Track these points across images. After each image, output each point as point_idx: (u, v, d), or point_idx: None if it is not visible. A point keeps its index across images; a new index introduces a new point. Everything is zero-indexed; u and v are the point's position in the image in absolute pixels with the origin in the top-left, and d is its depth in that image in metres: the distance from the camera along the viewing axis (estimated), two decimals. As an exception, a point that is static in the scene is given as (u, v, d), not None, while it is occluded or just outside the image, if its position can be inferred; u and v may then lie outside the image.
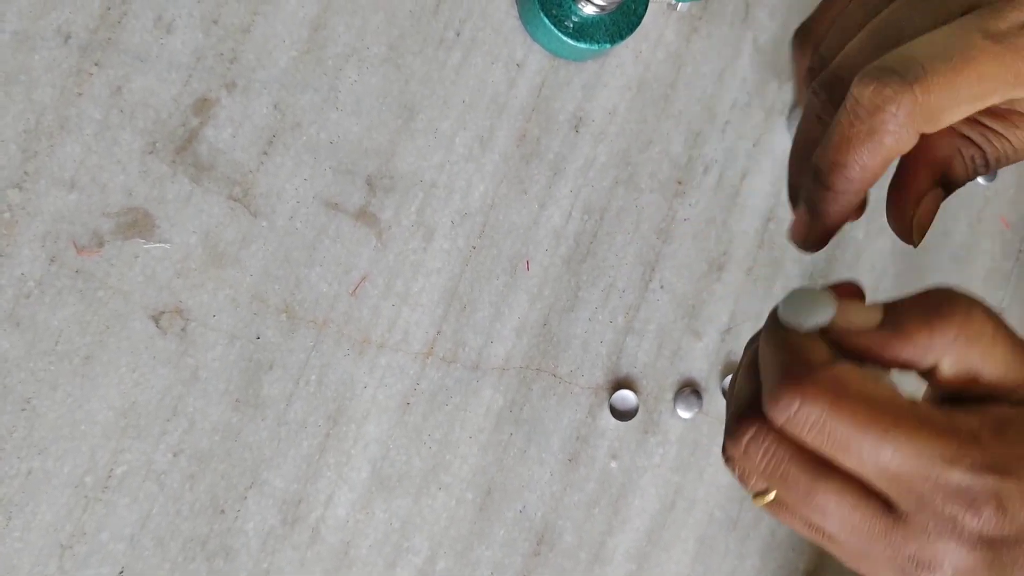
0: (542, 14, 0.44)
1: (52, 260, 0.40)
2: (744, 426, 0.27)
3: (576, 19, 0.44)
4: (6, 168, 0.39)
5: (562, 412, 0.47)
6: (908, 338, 0.26)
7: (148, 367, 0.41)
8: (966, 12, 0.28)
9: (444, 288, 0.45)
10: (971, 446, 0.25)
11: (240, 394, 0.42)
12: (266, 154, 0.43)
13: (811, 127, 0.31)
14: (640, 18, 0.45)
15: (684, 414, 0.49)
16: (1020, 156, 0.30)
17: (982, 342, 0.26)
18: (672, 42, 0.50)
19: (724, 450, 0.28)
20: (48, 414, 0.40)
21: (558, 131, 0.47)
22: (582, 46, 0.45)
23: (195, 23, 0.42)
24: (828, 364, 0.26)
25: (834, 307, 0.27)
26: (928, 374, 0.27)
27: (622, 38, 0.45)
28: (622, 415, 0.48)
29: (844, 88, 0.29)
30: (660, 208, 0.49)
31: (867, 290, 0.56)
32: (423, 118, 0.45)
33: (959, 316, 0.26)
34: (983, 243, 0.57)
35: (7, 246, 0.39)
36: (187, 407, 0.41)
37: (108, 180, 0.41)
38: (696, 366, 0.50)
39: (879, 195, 0.54)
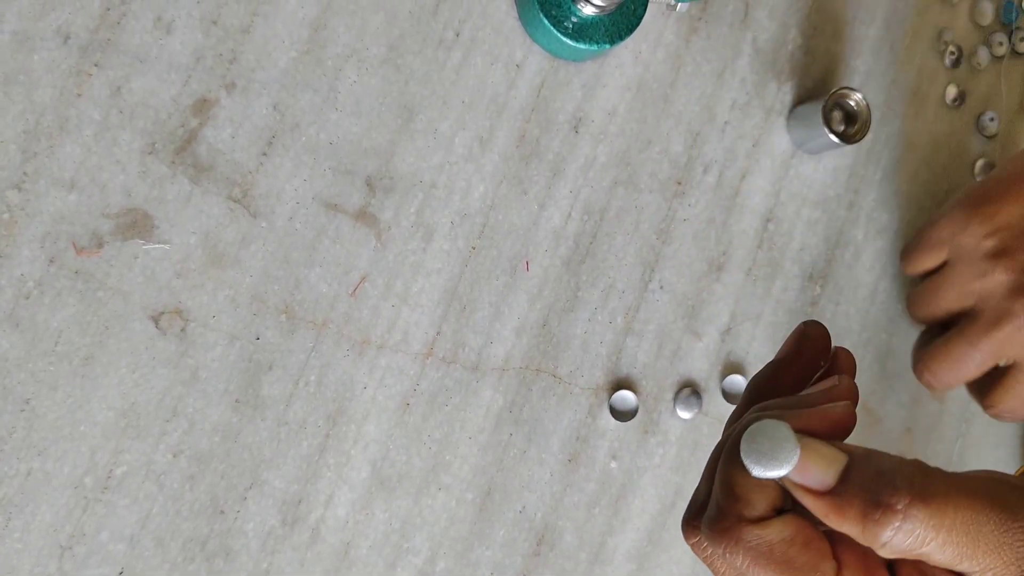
0: (542, 15, 0.44)
1: (52, 261, 0.40)
2: (690, 531, 0.29)
3: (576, 20, 0.44)
4: (6, 169, 0.39)
5: (562, 412, 0.47)
6: (844, 518, 0.26)
7: (148, 368, 0.41)
8: None
9: (444, 289, 0.45)
10: None
11: (240, 395, 0.42)
12: (265, 155, 0.43)
13: None
14: (639, 19, 0.46)
15: (684, 414, 0.49)
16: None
17: (925, 544, 0.25)
18: (671, 42, 0.50)
19: (685, 537, 0.31)
20: (48, 415, 0.40)
21: (558, 131, 0.47)
22: (582, 47, 0.45)
23: (195, 23, 0.42)
24: (759, 524, 0.26)
25: (792, 462, 0.26)
26: None
27: (621, 39, 0.45)
28: (622, 415, 0.48)
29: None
30: (660, 208, 0.49)
31: (867, 289, 0.56)
32: (423, 118, 0.45)
33: (895, 521, 0.25)
34: (982, 243, 0.57)
35: (7, 247, 0.39)
36: (187, 408, 0.41)
37: (108, 181, 0.41)
38: (696, 366, 0.50)
39: (876, 196, 0.54)
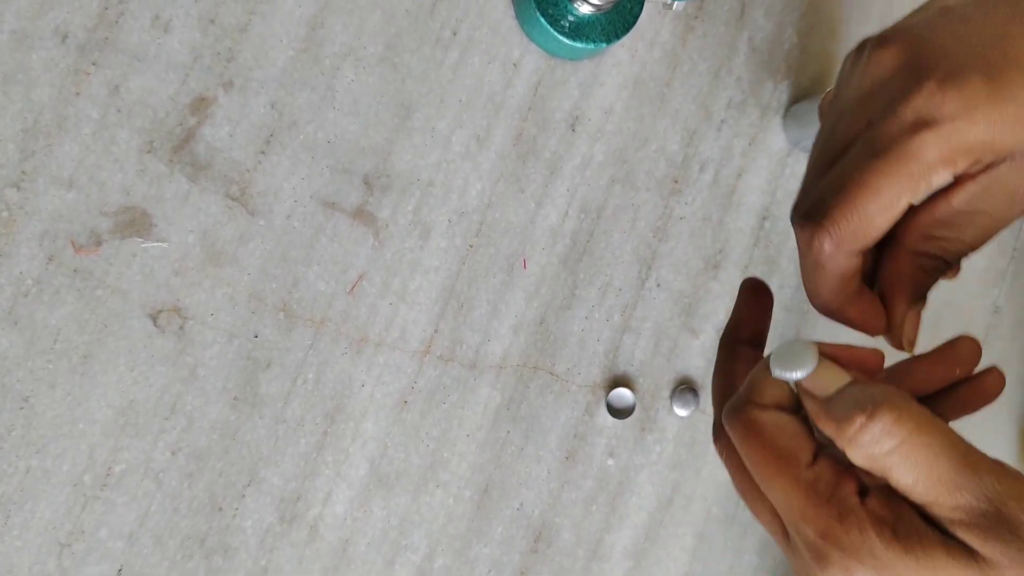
0: (538, 13, 0.44)
1: (50, 259, 0.40)
2: (717, 431, 0.33)
3: (572, 18, 0.44)
4: (4, 167, 0.39)
5: (559, 410, 0.47)
6: (827, 420, 0.29)
7: (146, 365, 0.41)
8: (862, 132, 0.32)
9: (441, 287, 0.46)
10: (832, 520, 0.28)
11: (238, 392, 0.42)
12: (263, 153, 0.43)
13: None
14: (636, 17, 0.46)
15: (681, 412, 0.49)
16: (978, 245, 0.33)
17: (883, 448, 0.28)
18: (668, 41, 0.50)
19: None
20: (47, 412, 0.40)
21: (555, 130, 0.48)
22: (578, 45, 0.45)
23: (192, 22, 0.42)
24: (760, 407, 0.30)
25: (806, 371, 0.30)
26: None
27: (618, 37, 0.45)
28: (619, 413, 0.48)
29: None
30: (656, 206, 0.49)
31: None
32: (420, 117, 0.45)
33: (860, 417, 0.28)
34: (978, 241, 0.57)
35: (5, 245, 0.39)
36: (185, 405, 0.42)
37: (106, 179, 0.41)
38: (693, 364, 0.50)
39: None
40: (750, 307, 0.36)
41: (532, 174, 0.47)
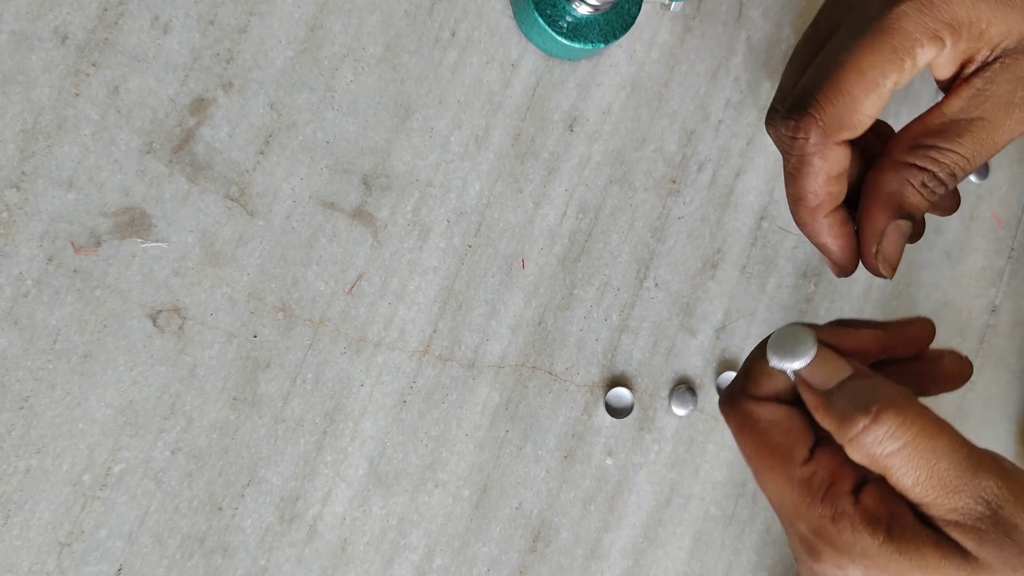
0: (536, 14, 0.44)
1: (50, 259, 0.40)
2: (720, 406, 0.33)
3: (570, 19, 0.45)
4: (4, 168, 0.39)
5: (558, 409, 0.48)
6: (827, 415, 0.29)
7: (146, 365, 0.41)
8: (845, 18, 0.31)
9: (440, 286, 0.46)
10: (825, 520, 0.28)
11: (237, 392, 0.42)
12: (262, 153, 0.43)
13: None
14: (634, 18, 0.46)
15: (679, 411, 0.49)
16: (975, 164, 0.32)
17: (886, 450, 0.28)
18: (666, 41, 0.50)
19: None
20: (46, 412, 0.40)
21: (553, 130, 0.48)
22: (576, 46, 0.45)
23: (192, 23, 0.42)
24: (755, 399, 0.30)
25: (805, 361, 0.30)
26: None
27: (616, 38, 0.45)
28: (617, 412, 0.48)
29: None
30: (654, 206, 0.50)
31: (861, 286, 0.56)
32: (419, 117, 0.46)
33: (864, 420, 0.28)
34: (976, 241, 0.57)
35: (5, 245, 0.39)
36: (185, 405, 0.42)
37: (106, 180, 0.41)
38: (691, 363, 0.50)
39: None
40: None
41: (530, 174, 0.47)
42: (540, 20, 0.44)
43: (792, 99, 0.31)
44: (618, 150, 0.49)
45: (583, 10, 0.44)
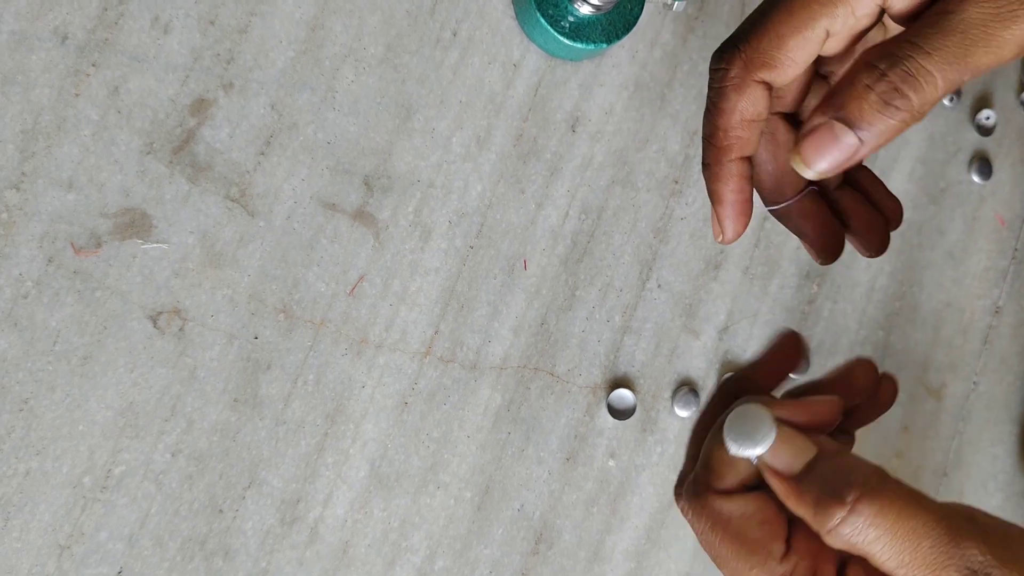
0: (538, 14, 0.44)
1: (50, 260, 0.40)
2: (676, 497, 0.32)
3: (572, 19, 0.44)
4: (4, 169, 0.39)
5: (560, 411, 0.47)
6: (800, 503, 0.28)
7: (146, 367, 0.41)
8: None
9: (442, 288, 0.46)
10: None
11: (238, 394, 0.42)
12: (263, 154, 0.43)
13: None
14: (636, 18, 0.46)
15: (682, 413, 0.49)
16: (946, 79, 0.28)
17: (866, 538, 0.27)
18: (668, 42, 0.50)
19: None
20: (46, 414, 0.40)
21: (555, 131, 0.48)
22: (578, 46, 0.45)
23: (192, 24, 0.42)
24: (723, 495, 0.29)
25: (766, 445, 0.28)
26: None
27: (618, 38, 0.45)
28: (620, 414, 0.48)
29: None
30: (657, 207, 0.49)
31: (863, 287, 0.56)
32: (420, 118, 0.45)
33: (841, 512, 0.27)
34: (979, 241, 0.57)
35: (5, 246, 0.39)
36: (185, 407, 0.42)
37: (106, 180, 0.41)
38: (694, 365, 0.50)
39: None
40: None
41: (532, 175, 0.47)
42: (542, 20, 0.44)
43: (728, 38, 0.32)
44: (620, 150, 0.49)
45: (585, 10, 0.44)
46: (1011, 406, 0.57)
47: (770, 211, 0.36)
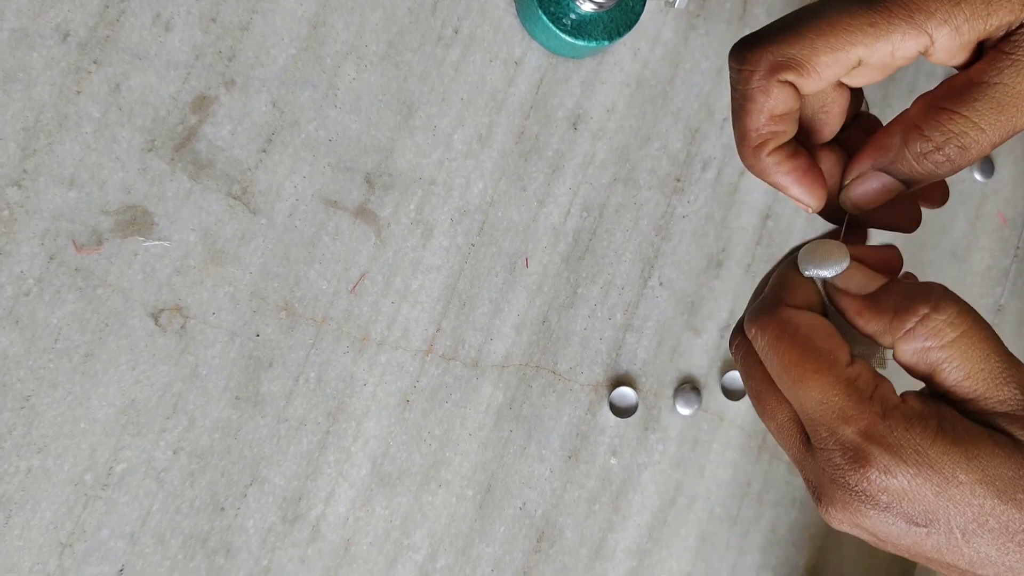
0: (540, 11, 0.44)
1: (51, 258, 0.40)
2: (734, 334, 0.31)
3: (574, 16, 0.44)
4: (5, 166, 0.39)
5: (562, 409, 0.47)
6: (876, 314, 0.29)
7: (148, 364, 0.41)
8: None
9: (443, 285, 0.45)
10: (875, 417, 0.27)
11: (240, 391, 0.42)
12: (265, 152, 0.43)
13: None
14: (638, 15, 0.46)
15: (684, 411, 0.49)
16: (989, 138, 0.30)
17: (943, 340, 0.28)
18: (670, 39, 0.50)
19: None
20: (48, 412, 0.40)
21: (557, 128, 0.48)
22: (580, 43, 0.45)
23: (194, 21, 0.42)
24: (793, 308, 0.29)
25: (840, 268, 0.30)
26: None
27: (620, 35, 0.45)
28: (622, 412, 0.48)
29: None
30: (659, 205, 0.49)
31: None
32: (422, 115, 0.45)
33: (924, 308, 0.28)
34: (981, 240, 0.57)
35: (6, 244, 0.39)
36: (187, 404, 0.41)
37: (107, 178, 0.41)
38: (695, 363, 0.50)
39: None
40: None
41: (534, 172, 0.47)
42: (544, 17, 0.44)
43: (748, 37, 0.31)
44: (622, 148, 0.49)
45: (587, 7, 0.44)
46: (1013, 404, 0.57)
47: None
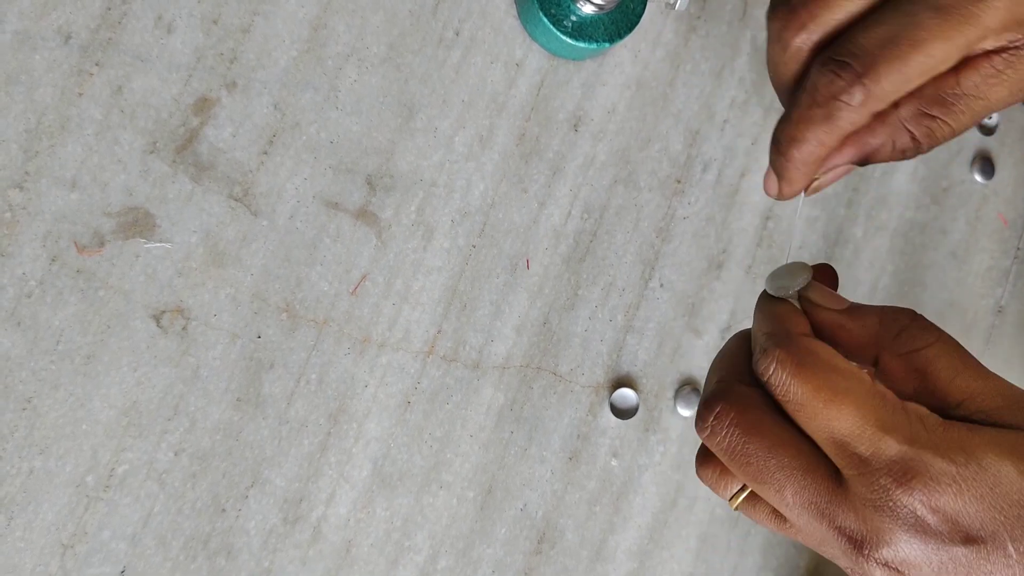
0: (541, 13, 0.44)
1: (53, 260, 0.40)
2: (711, 405, 0.29)
3: (575, 18, 0.44)
4: (7, 168, 0.39)
5: (563, 410, 0.47)
6: (860, 324, 0.29)
7: (149, 366, 0.41)
8: None
9: (444, 287, 0.46)
10: (914, 423, 0.27)
11: (241, 393, 0.42)
12: (266, 153, 0.43)
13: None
14: (639, 17, 0.46)
15: (684, 412, 0.49)
16: (953, 137, 0.31)
17: (929, 341, 0.29)
18: (671, 41, 0.50)
19: (697, 428, 0.30)
20: (49, 413, 0.40)
21: (557, 130, 0.48)
22: (581, 45, 0.45)
23: (195, 23, 0.42)
24: (804, 335, 0.29)
25: (809, 274, 0.31)
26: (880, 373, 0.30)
27: (621, 37, 0.45)
28: (623, 413, 0.48)
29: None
30: (659, 206, 0.49)
31: (866, 287, 0.56)
32: (423, 117, 0.45)
33: (904, 318, 0.29)
34: (982, 241, 0.57)
35: (9, 246, 0.39)
36: (188, 406, 0.42)
37: (109, 180, 0.41)
38: (696, 364, 0.50)
39: (876, 193, 0.55)
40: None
41: (535, 174, 0.47)
42: (545, 19, 0.44)
43: (847, 50, 0.29)
44: (623, 150, 0.49)
45: (588, 9, 0.44)
46: (1014, 406, 0.57)
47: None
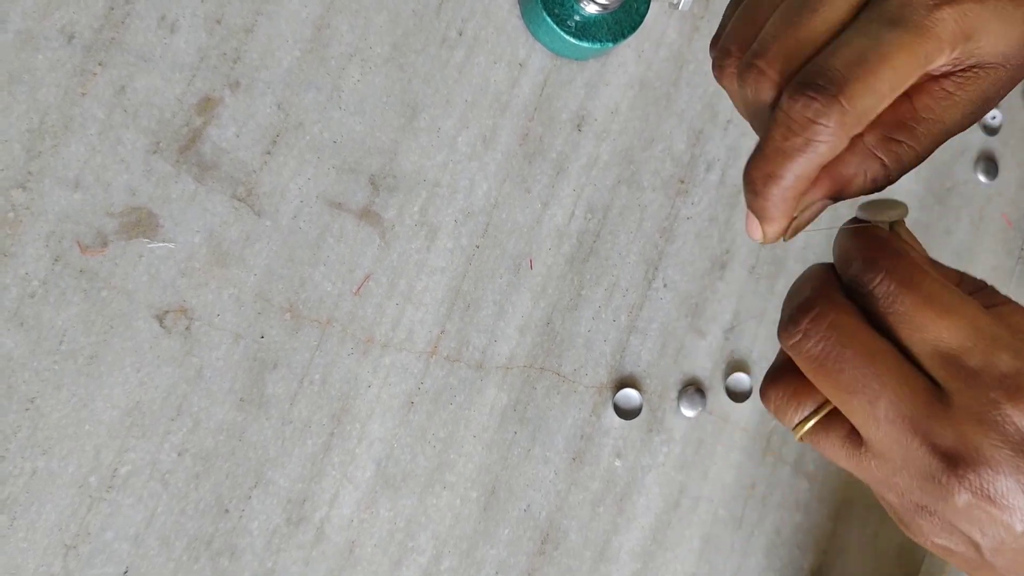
0: (544, 13, 0.44)
1: (56, 260, 0.40)
2: (807, 308, 0.28)
3: (578, 18, 0.44)
4: (10, 168, 0.39)
5: (566, 411, 0.47)
6: (944, 271, 0.30)
7: (152, 366, 0.41)
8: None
9: (448, 287, 0.45)
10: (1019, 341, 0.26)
11: (244, 393, 0.42)
12: (269, 153, 0.43)
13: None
14: (642, 17, 0.46)
15: (688, 412, 0.49)
16: (919, 161, 0.31)
17: (1003, 300, 0.28)
18: (674, 41, 0.50)
19: (782, 338, 0.29)
20: (52, 414, 0.40)
21: (561, 130, 0.48)
22: (584, 45, 0.45)
23: (199, 23, 0.42)
24: (911, 252, 0.29)
25: (906, 209, 0.30)
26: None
27: (624, 37, 0.45)
28: (626, 414, 0.48)
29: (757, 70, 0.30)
30: (663, 207, 0.49)
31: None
32: (426, 117, 0.45)
33: (981, 281, 0.30)
34: (985, 241, 0.57)
35: (12, 246, 0.39)
36: (192, 406, 0.41)
37: (112, 179, 0.41)
38: (700, 364, 0.50)
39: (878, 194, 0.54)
40: None
41: (538, 174, 0.47)
42: (548, 19, 0.44)
43: (816, 73, 0.28)
44: (626, 150, 0.49)
45: (591, 9, 0.44)
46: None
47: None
